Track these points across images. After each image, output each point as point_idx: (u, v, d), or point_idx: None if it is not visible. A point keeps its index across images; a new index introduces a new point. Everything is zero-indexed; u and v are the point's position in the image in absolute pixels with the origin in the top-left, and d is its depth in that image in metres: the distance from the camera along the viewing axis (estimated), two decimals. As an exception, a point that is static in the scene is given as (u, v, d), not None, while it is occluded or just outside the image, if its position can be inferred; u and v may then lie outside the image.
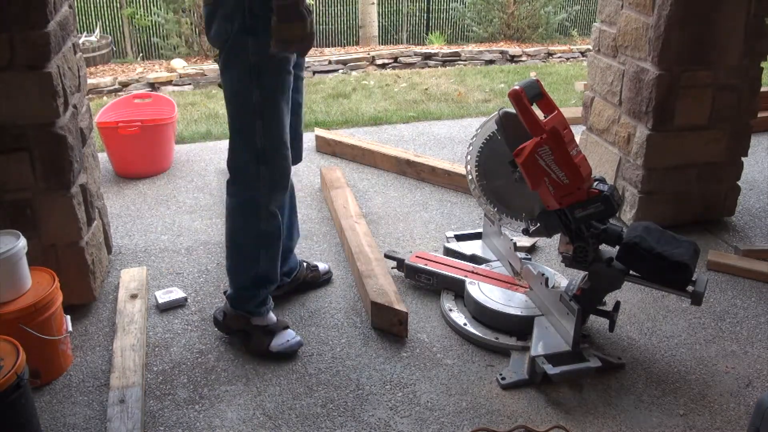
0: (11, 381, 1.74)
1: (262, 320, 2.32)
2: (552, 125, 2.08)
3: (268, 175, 2.17)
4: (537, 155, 2.08)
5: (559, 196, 2.11)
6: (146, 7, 9.50)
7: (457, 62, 8.10)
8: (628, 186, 3.15)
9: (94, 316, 2.53)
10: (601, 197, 2.10)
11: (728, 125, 3.04)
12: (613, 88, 3.19)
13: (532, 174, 2.11)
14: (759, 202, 3.47)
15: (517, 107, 2.11)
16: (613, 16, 3.17)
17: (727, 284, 2.77)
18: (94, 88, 6.80)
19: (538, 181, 2.11)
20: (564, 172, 2.08)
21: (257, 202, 2.20)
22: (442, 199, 3.49)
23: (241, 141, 2.17)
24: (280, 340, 2.31)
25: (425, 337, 2.42)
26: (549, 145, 2.06)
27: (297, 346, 2.33)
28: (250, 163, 2.16)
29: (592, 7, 10.81)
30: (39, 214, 2.34)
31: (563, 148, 2.07)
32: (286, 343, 2.31)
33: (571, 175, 2.08)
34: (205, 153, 4.12)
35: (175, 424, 2.03)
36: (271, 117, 2.10)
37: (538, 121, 2.09)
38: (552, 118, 2.11)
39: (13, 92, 2.18)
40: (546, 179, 2.10)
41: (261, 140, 2.12)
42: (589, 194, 2.10)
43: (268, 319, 2.34)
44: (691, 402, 2.13)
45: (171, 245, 3.04)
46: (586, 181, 2.11)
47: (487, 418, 2.05)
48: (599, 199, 2.10)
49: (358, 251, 2.77)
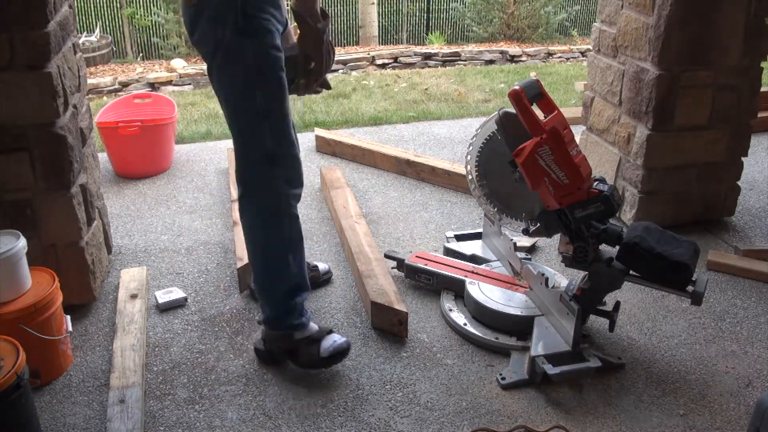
0: (11, 381, 1.74)
1: (304, 332, 2.22)
2: (552, 125, 2.08)
3: (283, 176, 2.10)
4: (537, 155, 2.08)
5: (559, 196, 2.11)
6: (146, 7, 9.51)
7: (457, 62, 8.11)
8: (628, 186, 3.15)
9: (94, 316, 2.53)
10: (601, 197, 2.10)
11: (728, 125, 3.04)
12: (613, 88, 3.19)
13: (532, 174, 2.11)
14: (759, 202, 3.47)
15: (517, 107, 2.10)
16: (613, 16, 3.17)
17: (727, 284, 2.77)
18: (94, 88, 6.80)
19: (538, 181, 2.11)
20: (564, 172, 2.08)
21: (277, 207, 2.13)
22: (442, 199, 3.49)
23: (250, 146, 2.08)
24: (327, 343, 2.21)
25: (425, 337, 2.42)
26: (549, 145, 2.06)
27: (346, 344, 2.22)
28: (263, 168, 2.08)
29: (592, 7, 10.81)
30: (39, 214, 2.34)
31: (563, 148, 2.07)
32: (334, 344, 2.21)
33: (571, 175, 2.08)
34: (205, 153, 4.12)
35: (175, 424, 2.03)
36: (277, 116, 2.05)
37: (538, 121, 2.09)
38: (552, 118, 2.11)
39: (13, 92, 2.18)
40: (546, 179, 2.10)
41: (270, 142, 2.05)
42: (589, 194, 2.10)
43: (310, 329, 2.23)
44: (691, 402, 2.13)
45: (171, 245, 3.04)
46: (586, 181, 2.11)
47: (487, 418, 2.05)
48: (599, 199, 2.10)
49: (358, 251, 2.77)
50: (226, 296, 2.66)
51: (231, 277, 2.77)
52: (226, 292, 2.69)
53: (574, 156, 2.08)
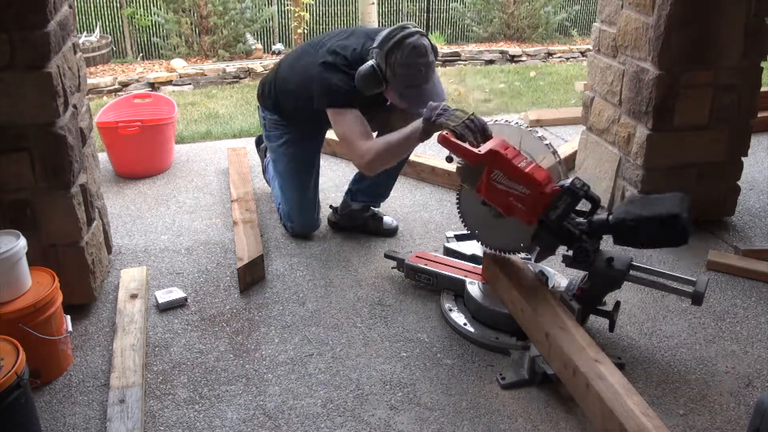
0: (11, 381, 1.74)
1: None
2: (490, 148, 2.14)
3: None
4: (493, 181, 2.14)
5: (529, 207, 2.13)
6: (146, 7, 9.50)
7: (457, 62, 8.11)
8: (628, 186, 3.15)
9: (94, 316, 2.53)
10: (563, 190, 2.11)
11: (728, 125, 3.04)
12: (613, 88, 3.19)
13: (499, 200, 2.17)
14: (759, 202, 3.47)
15: (450, 149, 2.19)
16: (613, 16, 3.17)
17: (727, 284, 2.77)
18: (94, 88, 6.80)
19: (507, 204, 2.16)
20: (521, 184, 2.12)
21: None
22: (442, 199, 3.49)
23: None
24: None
25: (425, 337, 2.42)
26: (497, 167, 2.12)
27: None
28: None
29: (592, 7, 10.81)
30: (39, 214, 2.34)
31: (509, 163, 2.12)
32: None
33: (528, 185, 2.12)
34: (205, 153, 4.12)
35: (175, 424, 2.03)
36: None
37: (475, 152, 2.16)
38: (489, 143, 2.18)
39: (13, 92, 2.18)
40: (512, 199, 2.14)
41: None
42: (553, 193, 2.12)
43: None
44: (691, 402, 2.13)
45: (171, 245, 3.04)
46: (547, 184, 2.14)
47: (487, 418, 2.05)
48: (562, 192, 2.12)
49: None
50: (226, 296, 2.66)
51: (231, 277, 2.77)
52: (226, 292, 2.69)
53: (524, 167, 2.13)
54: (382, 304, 2.61)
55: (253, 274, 2.73)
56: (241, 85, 6.83)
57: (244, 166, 3.71)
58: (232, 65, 7.55)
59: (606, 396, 1.79)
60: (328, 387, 2.18)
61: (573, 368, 1.92)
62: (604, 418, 1.78)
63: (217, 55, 8.58)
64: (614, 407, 1.75)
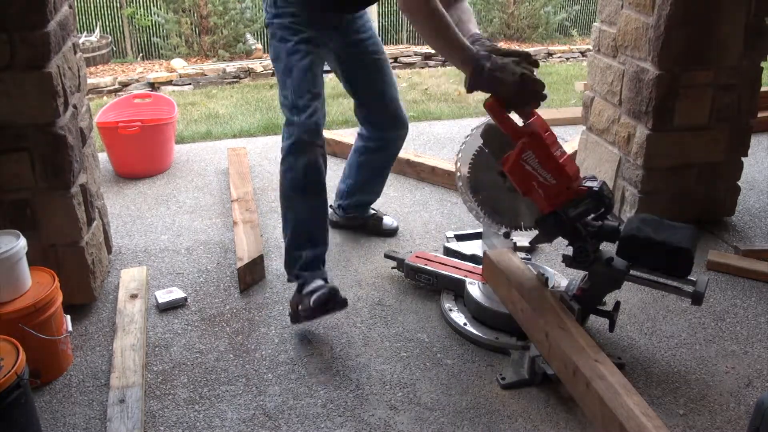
0: (11, 381, 1.74)
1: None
2: (532, 129, 2.11)
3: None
4: (522, 161, 2.11)
5: (550, 197, 2.12)
6: (146, 7, 9.50)
7: (457, 62, 8.09)
8: (628, 186, 3.15)
9: (94, 316, 2.53)
10: (590, 193, 2.11)
11: (728, 125, 3.04)
12: (613, 88, 3.19)
13: (521, 180, 2.14)
14: (759, 202, 3.47)
15: (494, 117, 2.14)
16: (613, 16, 3.17)
17: (727, 284, 2.77)
18: (94, 88, 6.80)
19: (528, 186, 2.14)
20: (550, 173, 2.10)
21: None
22: (442, 199, 3.49)
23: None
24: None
25: (425, 337, 2.42)
26: (531, 148, 2.09)
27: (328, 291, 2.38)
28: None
29: (592, 7, 10.80)
30: (39, 214, 2.34)
31: (546, 149, 2.09)
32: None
33: (557, 175, 2.10)
34: (205, 153, 4.12)
35: (175, 424, 2.03)
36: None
37: (517, 127, 2.12)
38: (531, 122, 2.14)
39: (13, 92, 2.18)
40: (535, 183, 2.12)
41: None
42: (579, 192, 2.12)
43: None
44: (691, 402, 2.13)
45: (171, 245, 3.04)
46: (574, 180, 2.13)
47: (487, 418, 2.05)
48: (589, 195, 2.11)
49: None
50: (226, 296, 2.66)
51: (231, 277, 2.77)
52: (226, 292, 2.69)
53: (558, 156, 2.11)
54: (382, 304, 2.61)
55: (253, 274, 2.73)
56: (241, 85, 6.83)
57: (244, 166, 3.71)
58: (232, 65, 7.55)
59: (606, 396, 1.79)
60: (328, 387, 2.18)
61: (573, 368, 1.92)
62: (604, 418, 1.78)
63: (217, 55, 8.59)
64: (614, 407, 1.75)
